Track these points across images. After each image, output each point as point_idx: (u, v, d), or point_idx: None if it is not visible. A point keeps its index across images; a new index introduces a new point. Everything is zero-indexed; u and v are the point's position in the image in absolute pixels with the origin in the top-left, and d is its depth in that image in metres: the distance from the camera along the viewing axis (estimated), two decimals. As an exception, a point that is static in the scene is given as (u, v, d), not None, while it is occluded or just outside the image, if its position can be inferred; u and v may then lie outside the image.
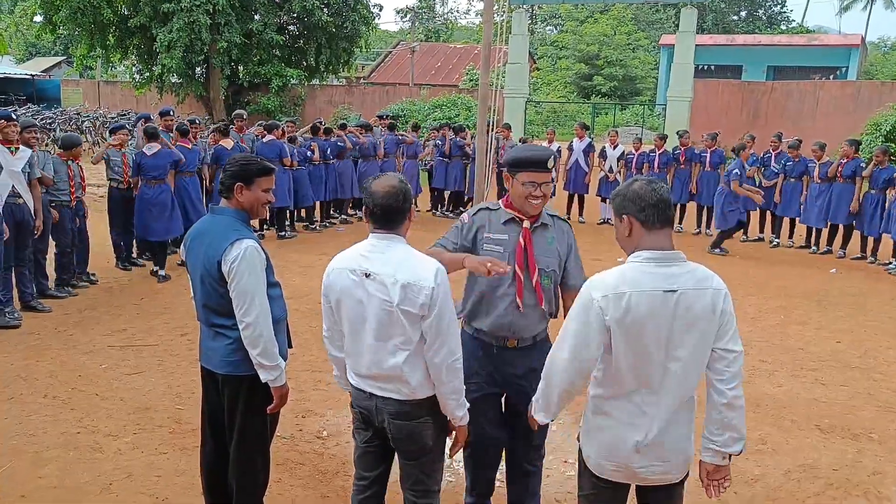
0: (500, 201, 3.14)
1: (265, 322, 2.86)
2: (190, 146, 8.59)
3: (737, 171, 9.64)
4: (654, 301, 2.26)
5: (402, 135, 12.41)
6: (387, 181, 2.62)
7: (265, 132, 10.10)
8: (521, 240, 3.02)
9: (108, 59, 23.79)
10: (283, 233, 10.35)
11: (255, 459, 3.14)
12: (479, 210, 3.16)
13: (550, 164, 2.99)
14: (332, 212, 11.62)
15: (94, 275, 7.65)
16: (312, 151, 10.63)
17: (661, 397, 2.33)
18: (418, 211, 11.76)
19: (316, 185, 10.73)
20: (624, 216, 2.36)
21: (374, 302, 2.57)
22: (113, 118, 21.73)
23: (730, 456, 2.42)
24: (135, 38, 22.45)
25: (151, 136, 7.89)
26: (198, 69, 23.34)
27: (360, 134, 11.65)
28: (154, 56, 22.22)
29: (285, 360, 3.04)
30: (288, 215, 10.64)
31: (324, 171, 10.87)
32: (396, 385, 2.63)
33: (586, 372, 2.39)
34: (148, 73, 23.56)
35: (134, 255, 8.44)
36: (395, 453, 2.82)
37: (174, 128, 8.77)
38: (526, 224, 3.03)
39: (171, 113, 9.24)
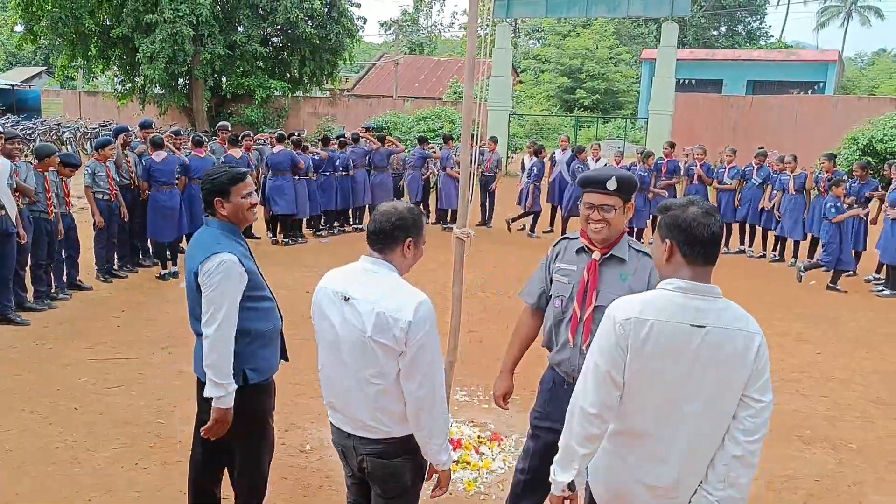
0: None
1: (223, 337, 2.80)
2: (203, 155, 9.18)
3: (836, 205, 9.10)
4: (679, 334, 2.07)
5: (432, 148, 12.65)
6: (390, 205, 2.50)
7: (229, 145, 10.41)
8: (586, 272, 2.84)
9: (89, 70, 23.66)
10: (287, 240, 10.64)
11: (253, 470, 3.14)
12: (561, 239, 3.07)
13: (611, 185, 2.74)
14: (350, 220, 12.02)
15: (80, 282, 7.74)
16: (321, 158, 11.11)
17: (675, 442, 2.12)
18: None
19: (328, 194, 11.18)
20: (668, 240, 2.15)
21: (347, 328, 2.43)
22: (94, 129, 21.59)
23: None
24: (117, 48, 22.34)
25: (157, 145, 8.48)
26: (180, 80, 23.24)
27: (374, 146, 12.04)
28: (136, 67, 22.11)
29: (274, 372, 3.07)
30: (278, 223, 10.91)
31: (335, 181, 11.29)
32: (371, 423, 2.48)
33: (611, 406, 2.15)
34: (130, 85, 23.44)
35: (115, 267, 8.37)
36: None
37: (191, 139, 9.51)
38: (595, 255, 2.84)
39: (152, 125, 9.41)
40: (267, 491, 3.26)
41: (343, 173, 11.37)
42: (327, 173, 11.15)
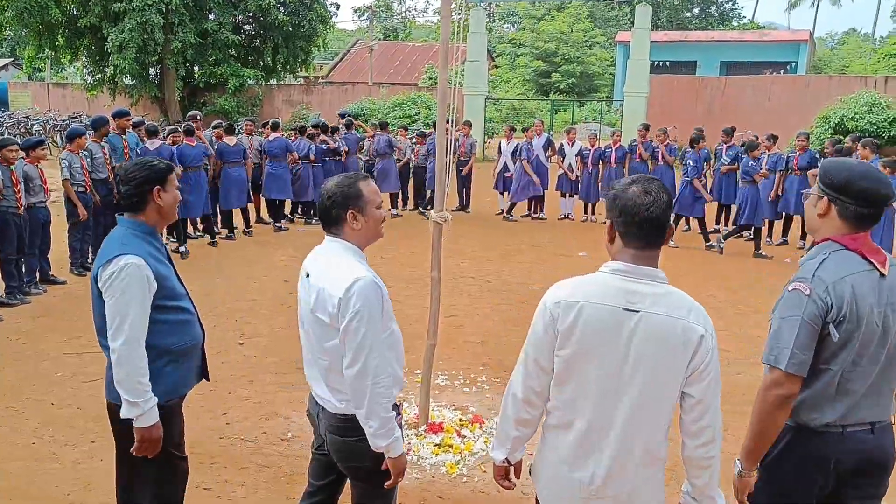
0: None
1: (131, 350, 2.53)
2: (194, 144, 9.29)
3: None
4: (610, 317, 1.97)
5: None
6: (323, 186, 2.53)
7: (223, 133, 10.13)
8: None
9: (57, 61, 23.22)
10: (279, 224, 10.82)
11: (168, 491, 2.89)
12: None
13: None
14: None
15: (54, 276, 7.63)
16: (326, 144, 11.28)
17: (610, 434, 2.02)
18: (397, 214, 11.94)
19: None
20: (609, 220, 2.07)
21: (303, 303, 2.51)
22: (64, 121, 21.22)
23: None
24: (85, 38, 21.94)
25: (152, 132, 8.87)
26: (151, 70, 22.90)
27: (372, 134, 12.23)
28: (105, 57, 21.73)
29: (184, 393, 2.83)
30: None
31: (333, 167, 11.27)
32: (325, 396, 2.49)
33: (541, 392, 2.12)
34: (99, 75, 23.04)
35: (89, 260, 8.25)
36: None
37: (182, 128, 9.49)
38: None
39: (128, 115, 9.29)
40: None
41: (337, 158, 11.42)
42: (327, 159, 11.22)
